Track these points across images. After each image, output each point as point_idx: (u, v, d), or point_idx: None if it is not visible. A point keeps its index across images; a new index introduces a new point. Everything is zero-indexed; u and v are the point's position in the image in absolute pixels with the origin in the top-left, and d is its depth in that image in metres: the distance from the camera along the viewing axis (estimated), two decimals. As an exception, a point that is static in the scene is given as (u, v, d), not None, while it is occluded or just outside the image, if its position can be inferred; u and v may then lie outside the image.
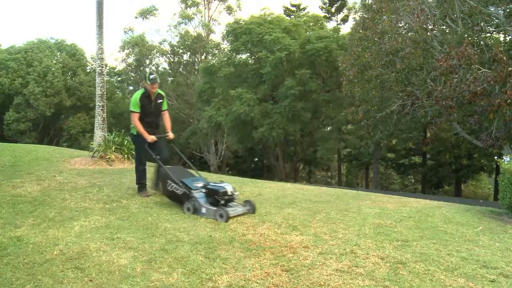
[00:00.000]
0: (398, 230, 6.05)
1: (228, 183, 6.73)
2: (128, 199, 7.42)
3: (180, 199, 6.84)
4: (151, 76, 7.38)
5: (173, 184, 6.91)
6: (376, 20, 18.64)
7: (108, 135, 12.33)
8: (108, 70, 42.78)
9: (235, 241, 5.34)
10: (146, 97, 7.45)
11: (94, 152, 11.89)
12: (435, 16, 16.61)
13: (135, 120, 7.38)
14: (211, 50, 37.52)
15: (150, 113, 7.53)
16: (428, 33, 16.99)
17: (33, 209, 6.65)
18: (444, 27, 17.36)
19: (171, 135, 7.69)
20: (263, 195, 8.22)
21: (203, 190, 6.72)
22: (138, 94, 7.43)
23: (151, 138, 7.30)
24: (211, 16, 41.08)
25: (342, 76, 21.36)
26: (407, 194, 15.13)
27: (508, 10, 16.03)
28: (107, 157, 11.52)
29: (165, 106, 7.81)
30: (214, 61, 32.77)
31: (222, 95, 28.91)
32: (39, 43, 42.02)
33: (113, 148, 11.74)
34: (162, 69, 44.02)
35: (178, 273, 4.37)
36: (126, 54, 40.66)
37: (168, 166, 7.31)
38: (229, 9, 41.14)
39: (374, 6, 19.24)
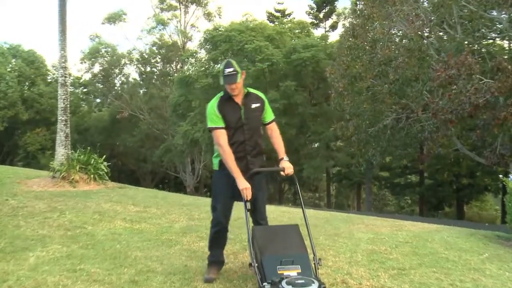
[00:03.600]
0: (394, 257, 5.98)
1: None
2: (94, 225, 7.25)
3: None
4: (226, 71, 4.79)
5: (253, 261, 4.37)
6: (367, 27, 18.86)
7: (71, 153, 12.14)
8: (72, 81, 42.34)
9: (213, 272, 5.19)
10: (227, 102, 4.94)
11: (55, 172, 11.68)
12: (432, 21, 16.80)
13: (220, 140, 4.82)
14: (187, 59, 37.51)
15: (238, 128, 4.92)
16: (424, 41, 17.20)
17: (-21, 239, 6.42)
18: (441, 33, 17.61)
19: (288, 166, 4.92)
20: (243, 219, 8.06)
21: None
22: (214, 100, 4.97)
23: (244, 186, 4.67)
24: (188, 22, 41.23)
25: (331, 88, 21.47)
26: (403, 217, 15.13)
27: (512, 14, 16.18)
28: (70, 177, 11.31)
29: (269, 116, 5.14)
30: (190, 71, 32.75)
31: (199, 109, 28.84)
32: (-11, 47, 40.99)
33: (77, 168, 11.56)
34: (132, 80, 43.91)
35: (149, 308, 4.24)
36: (91, 63, 40.47)
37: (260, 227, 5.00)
38: (208, 16, 41.31)
39: (365, 11, 19.45)
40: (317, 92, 29.50)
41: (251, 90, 5.05)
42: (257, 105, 4.99)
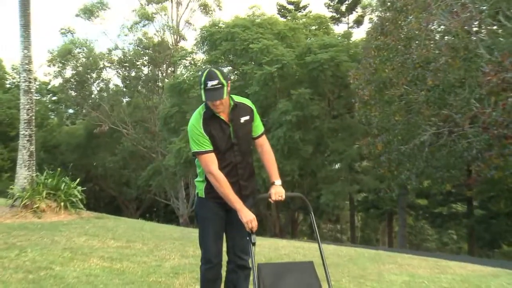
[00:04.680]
0: (437, 306, 5.85)
1: None
2: (64, 265, 7.16)
3: None
4: (209, 84, 4.65)
5: None
6: (399, 21, 18.80)
7: (36, 175, 12.09)
8: (38, 87, 42.52)
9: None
10: (212, 120, 4.90)
11: (15, 200, 11.63)
12: (482, 13, 16.63)
13: (211, 167, 4.80)
14: (179, 61, 37.59)
15: (228, 150, 4.96)
16: (472, 37, 17.06)
17: None
18: (495, 27, 17.44)
19: (277, 192, 4.90)
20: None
21: None
22: (196, 117, 4.94)
23: (249, 218, 4.66)
24: (181, 17, 41.35)
25: (354, 96, 21.42)
26: (447, 256, 14.96)
27: None
28: (34, 206, 11.27)
29: (259, 127, 5.16)
30: (184, 76, 32.78)
31: (194, 123, 28.87)
32: None
33: (44, 194, 11.51)
34: (113, 87, 44.04)
35: None
36: (62, 65, 40.42)
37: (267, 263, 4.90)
38: (205, 8, 41.45)
39: (397, 3, 19.36)
40: (337, 102, 29.42)
41: (237, 99, 5.00)
42: (247, 118, 5.00)
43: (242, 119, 4.95)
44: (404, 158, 19.39)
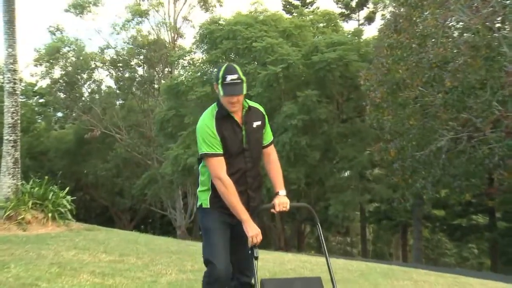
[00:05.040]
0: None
1: None
2: (51, 281, 7.06)
3: None
4: (228, 78, 4.68)
5: None
6: (414, 18, 18.75)
7: (22, 184, 12.04)
8: (24, 88, 42.47)
9: None
10: (225, 120, 4.87)
11: (-2, 211, 11.56)
12: (506, 8, 16.57)
13: (221, 172, 4.77)
14: (177, 61, 37.59)
15: (239, 154, 4.92)
16: (494, 34, 16.99)
17: None
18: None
19: (281, 202, 4.92)
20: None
21: None
22: (208, 117, 4.90)
23: (255, 232, 4.68)
24: (178, 13, 41.36)
25: (365, 98, 21.34)
26: (467, 272, 14.94)
27: None
28: (19, 217, 11.23)
29: (269, 135, 5.23)
30: (182, 77, 32.78)
31: (193, 126, 28.76)
32: None
33: (30, 204, 11.46)
34: (106, 88, 43.98)
35: None
36: (50, 65, 40.32)
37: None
38: (205, 4, 41.44)
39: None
40: (347, 105, 29.41)
41: (251, 103, 5.01)
42: (258, 123, 4.99)
43: (255, 124, 4.94)
44: (419, 165, 19.35)
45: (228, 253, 4.83)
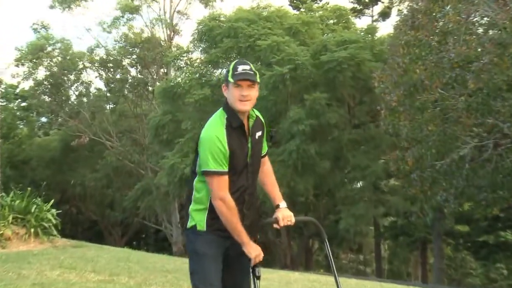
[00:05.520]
0: None
1: None
2: (32, 303, 7.04)
3: None
4: (240, 68, 4.63)
5: None
6: (434, 13, 18.71)
7: (2, 196, 12.03)
8: (4, 91, 42.53)
9: None
10: (235, 131, 4.72)
11: (-25, 226, 11.56)
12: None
13: (225, 192, 4.64)
14: (173, 61, 37.58)
15: (243, 169, 4.82)
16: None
17: None
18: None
19: (286, 215, 4.96)
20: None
21: None
22: (218, 126, 4.70)
23: (257, 253, 4.71)
24: (175, 8, 41.38)
25: (380, 102, 21.32)
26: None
27: None
28: (-2, 233, 11.19)
29: (265, 146, 5.15)
30: (179, 79, 32.79)
31: (191, 133, 28.72)
32: None
33: (10, 219, 11.45)
34: (95, 91, 44.02)
35: None
36: (33, 65, 40.12)
37: None
38: (204, -2, 41.47)
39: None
40: (359, 109, 29.39)
41: (256, 111, 4.92)
42: (260, 133, 4.92)
43: (257, 135, 4.86)
44: (439, 176, 19.28)
45: (220, 281, 4.76)
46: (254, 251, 4.59)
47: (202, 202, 4.74)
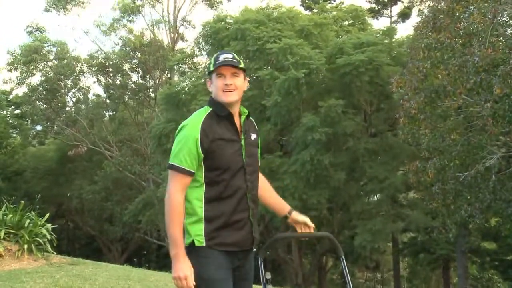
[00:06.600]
0: None
1: None
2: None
3: None
4: (221, 57, 4.63)
5: None
6: (457, 13, 18.64)
7: (-8, 210, 12.02)
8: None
9: None
10: (220, 121, 4.53)
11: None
12: None
13: (180, 188, 4.39)
14: (177, 66, 37.64)
15: (239, 169, 4.54)
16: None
17: None
18: None
19: (305, 221, 4.91)
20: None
21: None
22: (197, 120, 4.49)
23: (184, 274, 4.30)
24: (179, 9, 41.46)
25: (398, 109, 21.28)
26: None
27: None
28: (-11, 250, 11.17)
29: (259, 152, 4.94)
30: (183, 84, 32.82)
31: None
32: None
33: (2, 234, 11.41)
34: (94, 97, 44.05)
35: None
36: (27, 70, 40.15)
37: None
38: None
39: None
40: (376, 116, 29.31)
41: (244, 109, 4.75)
42: (255, 136, 4.76)
43: (252, 136, 4.70)
44: (463, 188, 19.23)
45: None
46: (181, 270, 4.21)
47: (194, 212, 4.38)
